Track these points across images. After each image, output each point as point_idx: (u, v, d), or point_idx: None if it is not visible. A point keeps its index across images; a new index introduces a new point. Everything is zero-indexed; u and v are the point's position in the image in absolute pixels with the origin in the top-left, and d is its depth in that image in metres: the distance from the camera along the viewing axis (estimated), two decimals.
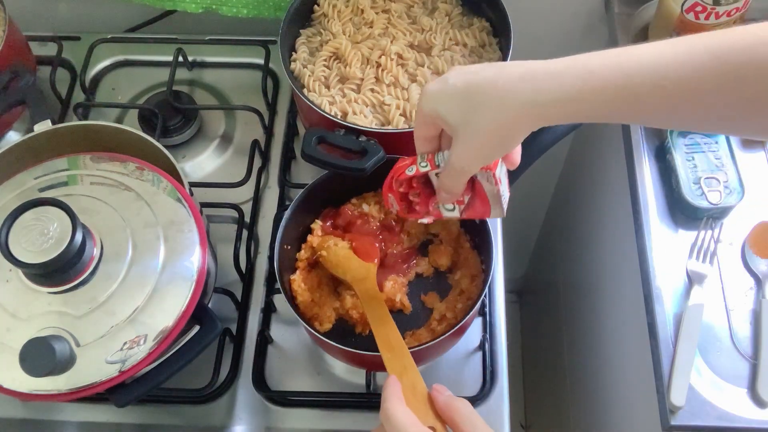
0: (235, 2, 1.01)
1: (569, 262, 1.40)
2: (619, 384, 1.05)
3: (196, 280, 0.67)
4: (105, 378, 0.63)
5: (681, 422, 0.76)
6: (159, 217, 0.69)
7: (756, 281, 0.85)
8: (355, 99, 0.85)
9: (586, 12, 1.10)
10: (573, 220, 1.35)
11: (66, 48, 1.03)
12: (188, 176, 0.92)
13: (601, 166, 1.16)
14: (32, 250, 0.61)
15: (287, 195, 0.92)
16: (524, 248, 1.70)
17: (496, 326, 0.83)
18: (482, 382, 0.80)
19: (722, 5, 0.88)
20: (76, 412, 0.80)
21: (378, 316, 0.67)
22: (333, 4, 0.91)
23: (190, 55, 1.03)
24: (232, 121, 0.99)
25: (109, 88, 1.03)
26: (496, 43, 0.89)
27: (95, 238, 0.66)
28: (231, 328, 0.83)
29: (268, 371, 0.81)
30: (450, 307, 0.77)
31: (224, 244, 0.86)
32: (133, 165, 0.73)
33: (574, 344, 1.34)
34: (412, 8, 0.92)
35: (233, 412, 0.79)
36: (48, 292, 0.65)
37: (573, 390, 1.35)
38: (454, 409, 0.56)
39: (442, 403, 0.57)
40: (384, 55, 0.87)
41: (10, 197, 0.71)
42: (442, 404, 0.57)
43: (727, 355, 0.81)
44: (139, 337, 0.64)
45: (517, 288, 1.84)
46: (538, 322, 1.70)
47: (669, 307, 0.83)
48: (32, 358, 0.60)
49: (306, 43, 0.91)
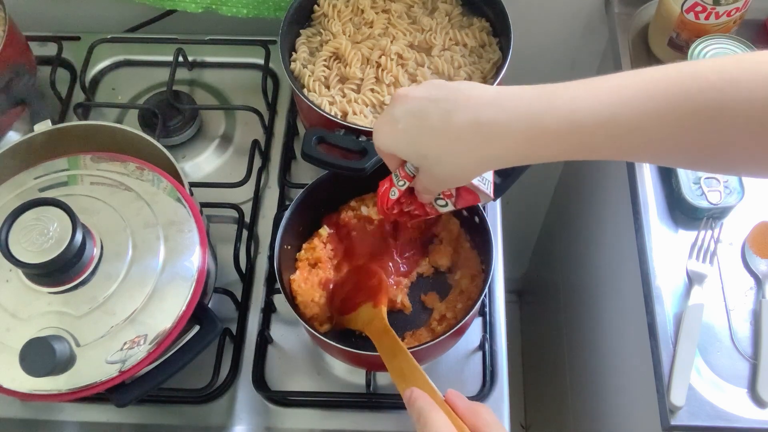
0: (235, 2, 1.01)
1: (569, 262, 1.40)
2: (619, 384, 1.05)
3: (196, 280, 0.67)
4: (105, 378, 0.63)
5: (681, 422, 0.76)
6: (159, 217, 0.69)
7: (756, 281, 0.85)
8: (355, 99, 0.85)
9: (586, 12, 1.10)
10: (573, 220, 1.35)
11: (66, 48, 1.03)
12: (188, 176, 0.92)
13: (601, 166, 1.16)
14: (32, 250, 0.61)
15: (287, 195, 0.92)
16: (524, 248, 1.70)
17: (496, 326, 0.83)
18: (482, 382, 0.80)
19: (722, 5, 0.88)
20: (76, 412, 0.80)
21: (389, 349, 0.66)
22: (333, 4, 0.91)
23: (190, 55, 1.03)
24: (232, 121, 0.99)
25: (109, 88, 1.03)
26: (496, 43, 0.89)
27: (95, 238, 0.66)
28: (231, 328, 0.83)
29: (268, 371, 0.81)
30: (450, 307, 0.77)
31: (224, 244, 0.86)
32: (133, 165, 0.73)
33: (574, 344, 1.34)
34: (412, 8, 0.92)
35: (233, 412, 0.79)
36: (48, 292, 0.65)
37: (573, 390, 1.35)
38: (477, 414, 0.55)
39: (464, 408, 0.55)
40: (384, 55, 0.87)
41: (10, 197, 0.71)
42: (464, 410, 0.55)
43: (727, 355, 0.81)
44: (139, 337, 0.64)
45: (517, 288, 1.84)
46: (538, 322, 1.69)
47: (669, 307, 0.83)
48: (32, 358, 0.60)
49: (306, 43, 0.91)
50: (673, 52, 0.96)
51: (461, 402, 0.56)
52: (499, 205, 0.90)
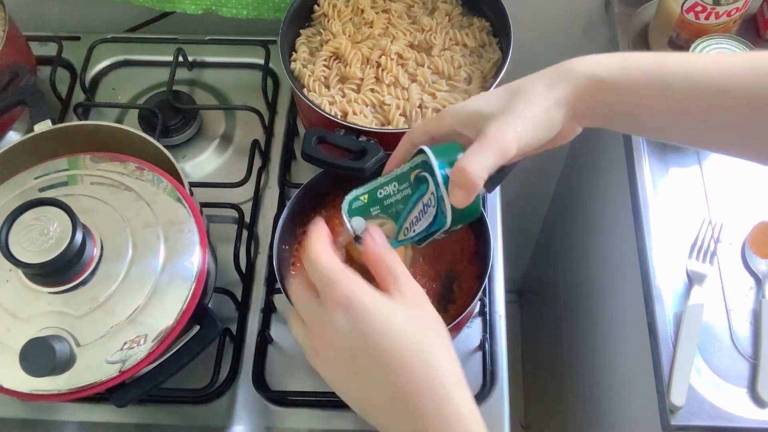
0: (234, 3, 1.01)
1: (569, 262, 1.40)
2: (619, 384, 1.05)
3: (196, 280, 0.67)
4: (105, 378, 0.63)
5: (681, 422, 0.76)
6: (159, 217, 0.69)
7: (756, 281, 0.85)
8: (355, 99, 0.85)
9: (586, 12, 1.10)
10: (573, 220, 1.35)
11: (66, 48, 1.03)
12: (188, 176, 0.92)
13: (601, 166, 1.16)
14: (32, 250, 0.61)
15: (287, 195, 0.92)
16: (524, 248, 1.70)
17: (496, 326, 0.83)
18: (482, 382, 0.80)
19: (722, 5, 0.88)
20: (76, 412, 0.80)
21: None
22: (333, 4, 0.91)
23: (190, 55, 1.02)
24: (232, 121, 0.99)
25: (109, 88, 1.03)
26: (496, 43, 0.89)
27: (95, 238, 0.66)
28: (231, 328, 0.83)
29: (268, 371, 0.81)
30: (449, 305, 0.77)
31: (224, 244, 0.86)
32: (133, 165, 0.73)
33: (574, 344, 1.34)
34: (412, 8, 0.92)
35: (233, 412, 0.79)
36: (48, 292, 0.65)
37: (573, 390, 1.35)
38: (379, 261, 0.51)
39: (372, 257, 0.51)
40: (384, 55, 0.87)
41: (10, 197, 0.71)
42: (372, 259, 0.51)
43: (727, 355, 0.81)
44: (139, 337, 0.64)
45: (517, 288, 1.84)
46: (538, 322, 1.69)
47: (669, 307, 0.83)
48: (32, 358, 0.60)
49: (306, 43, 0.91)
50: (673, 52, 0.96)
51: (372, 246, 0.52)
52: (499, 205, 0.90)
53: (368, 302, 0.48)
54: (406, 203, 0.57)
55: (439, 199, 0.53)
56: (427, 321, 0.50)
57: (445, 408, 0.47)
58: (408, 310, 0.49)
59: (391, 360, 0.47)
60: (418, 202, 0.56)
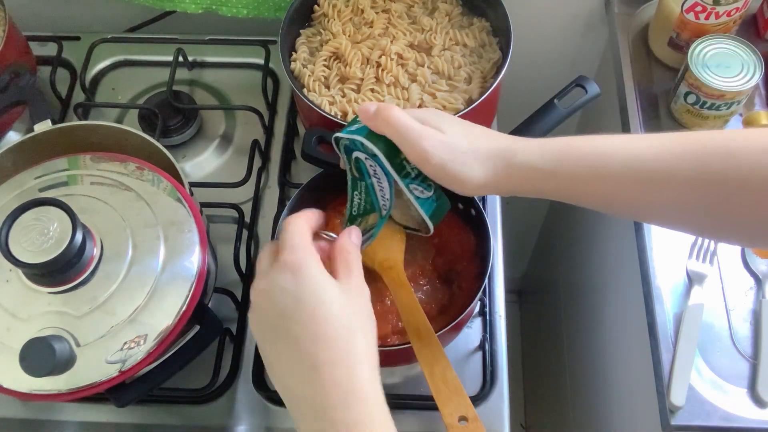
0: (234, 2, 1.01)
1: (569, 262, 1.40)
2: (619, 384, 1.05)
3: (196, 280, 0.67)
4: (105, 378, 0.63)
5: (681, 422, 0.77)
6: (159, 217, 0.69)
7: (756, 281, 0.85)
8: (355, 99, 0.85)
9: (586, 12, 1.10)
10: (573, 220, 1.35)
11: (66, 48, 1.03)
12: (188, 176, 0.92)
13: None
14: (32, 250, 0.61)
15: (287, 195, 0.92)
16: (524, 248, 1.70)
17: (496, 326, 0.83)
18: (482, 382, 0.80)
19: (722, 5, 0.88)
20: (76, 412, 0.80)
21: (406, 305, 0.66)
22: (333, 4, 0.91)
23: (190, 55, 1.03)
24: (232, 121, 0.99)
25: (109, 88, 1.03)
26: (496, 43, 0.89)
27: (95, 238, 0.66)
28: (231, 328, 0.83)
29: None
30: (449, 305, 0.76)
31: (224, 244, 0.86)
32: (133, 165, 0.73)
33: (574, 344, 1.34)
34: (412, 8, 0.92)
35: (233, 412, 0.79)
36: (48, 292, 0.65)
37: (573, 390, 1.35)
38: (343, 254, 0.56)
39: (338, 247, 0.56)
40: (384, 55, 0.87)
41: (10, 197, 0.71)
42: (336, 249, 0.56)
43: (727, 355, 0.81)
44: (139, 337, 0.64)
45: (517, 288, 1.84)
46: (538, 322, 1.70)
47: (669, 307, 0.83)
48: (32, 358, 0.60)
49: (306, 43, 0.91)
50: (673, 52, 0.96)
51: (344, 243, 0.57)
52: (499, 205, 0.90)
53: (315, 274, 0.53)
54: (369, 192, 0.63)
55: (372, 156, 0.60)
56: (361, 312, 0.54)
57: (352, 382, 0.50)
58: (347, 296, 0.53)
59: (318, 327, 0.51)
60: (371, 180, 0.62)
